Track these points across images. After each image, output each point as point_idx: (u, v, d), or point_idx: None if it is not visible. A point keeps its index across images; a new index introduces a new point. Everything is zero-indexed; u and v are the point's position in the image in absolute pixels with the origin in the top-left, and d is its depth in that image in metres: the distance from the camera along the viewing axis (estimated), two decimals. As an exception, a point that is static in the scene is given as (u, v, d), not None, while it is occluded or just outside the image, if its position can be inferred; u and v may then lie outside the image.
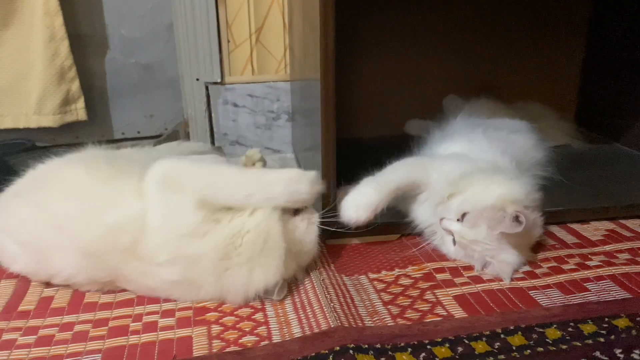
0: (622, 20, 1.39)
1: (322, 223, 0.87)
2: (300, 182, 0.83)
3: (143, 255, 0.76)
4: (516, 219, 0.82)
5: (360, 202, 0.89)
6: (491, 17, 1.45)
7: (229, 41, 1.37)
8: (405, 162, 0.97)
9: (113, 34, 1.45)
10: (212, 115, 1.41)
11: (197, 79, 1.38)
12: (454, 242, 0.89)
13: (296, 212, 0.84)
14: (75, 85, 1.37)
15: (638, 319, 0.76)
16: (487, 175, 0.90)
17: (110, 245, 0.77)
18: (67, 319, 0.78)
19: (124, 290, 0.84)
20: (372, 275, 0.89)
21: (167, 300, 0.82)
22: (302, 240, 0.83)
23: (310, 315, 0.78)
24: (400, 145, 1.08)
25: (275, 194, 0.81)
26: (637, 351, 0.70)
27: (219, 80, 1.38)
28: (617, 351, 0.70)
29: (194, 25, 1.33)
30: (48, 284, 0.86)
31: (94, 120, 1.47)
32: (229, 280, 0.78)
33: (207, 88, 1.39)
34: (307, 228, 0.84)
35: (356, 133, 1.50)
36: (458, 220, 0.88)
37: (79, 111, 1.40)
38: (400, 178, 0.93)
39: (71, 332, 0.75)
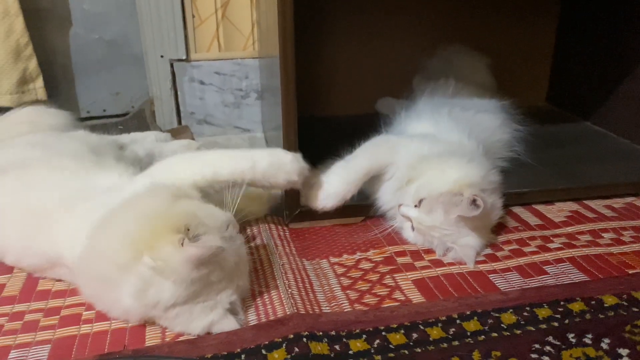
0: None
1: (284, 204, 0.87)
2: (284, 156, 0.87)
3: None
4: (473, 202, 0.81)
5: (328, 192, 0.92)
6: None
7: (193, 16, 1.33)
8: (374, 143, 0.97)
9: (75, 8, 1.39)
10: (178, 93, 1.38)
11: (162, 56, 1.34)
12: (413, 228, 0.88)
13: None
14: (33, 64, 1.32)
15: (593, 302, 0.76)
16: (443, 159, 0.89)
17: None
18: (18, 307, 0.76)
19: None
20: (333, 259, 0.89)
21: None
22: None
23: (267, 302, 0.77)
24: (373, 124, 1.07)
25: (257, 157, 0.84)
26: (589, 335, 0.70)
27: (184, 57, 1.34)
28: (570, 335, 0.70)
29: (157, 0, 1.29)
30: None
31: (57, 98, 1.41)
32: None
33: (172, 65, 1.35)
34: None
35: (329, 111, 1.47)
36: (416, 206, 0.87)
37: (37, 90, 1.35)
38: (369, 163, 0.94)
39: (21, 322, 0.73)
